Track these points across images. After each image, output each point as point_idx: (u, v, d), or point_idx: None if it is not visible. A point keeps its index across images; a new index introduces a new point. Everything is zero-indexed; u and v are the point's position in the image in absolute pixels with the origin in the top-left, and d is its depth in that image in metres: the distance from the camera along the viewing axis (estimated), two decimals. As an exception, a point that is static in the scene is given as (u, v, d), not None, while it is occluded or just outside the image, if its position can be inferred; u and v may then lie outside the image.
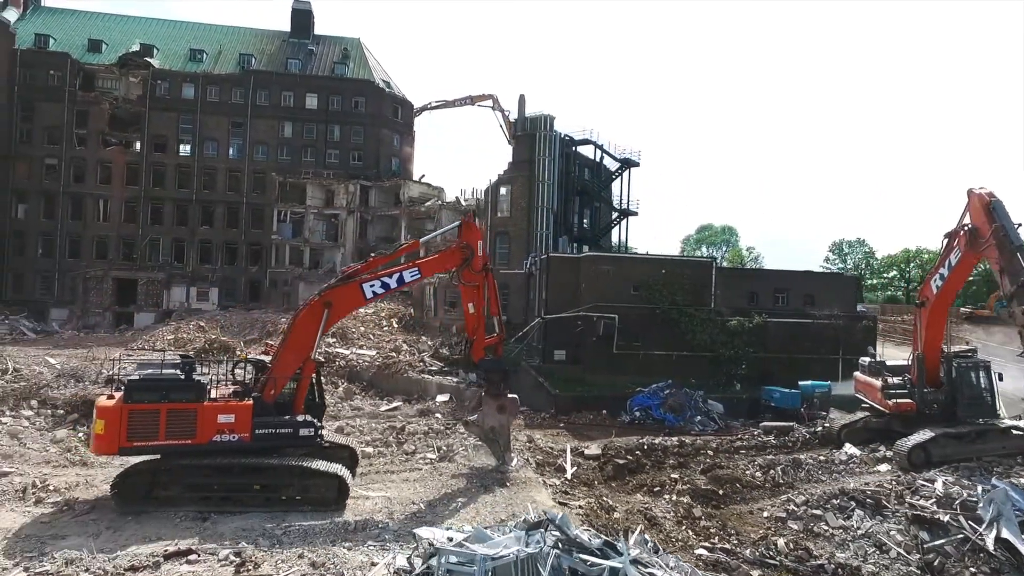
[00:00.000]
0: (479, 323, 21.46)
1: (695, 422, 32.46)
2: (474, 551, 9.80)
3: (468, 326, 21.70)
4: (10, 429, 21.25)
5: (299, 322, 18.61)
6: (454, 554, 9.89)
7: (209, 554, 13.65)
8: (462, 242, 21.28)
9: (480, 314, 21.42)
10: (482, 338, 21.50)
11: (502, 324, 22.16)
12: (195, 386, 16.64)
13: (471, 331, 21.59)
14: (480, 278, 21.29)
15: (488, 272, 21.57)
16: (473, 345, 21.45)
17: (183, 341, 47.72)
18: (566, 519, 11.72)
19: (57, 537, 14.50)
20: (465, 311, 21.64)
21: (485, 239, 50.35)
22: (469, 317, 21.51)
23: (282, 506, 16.87)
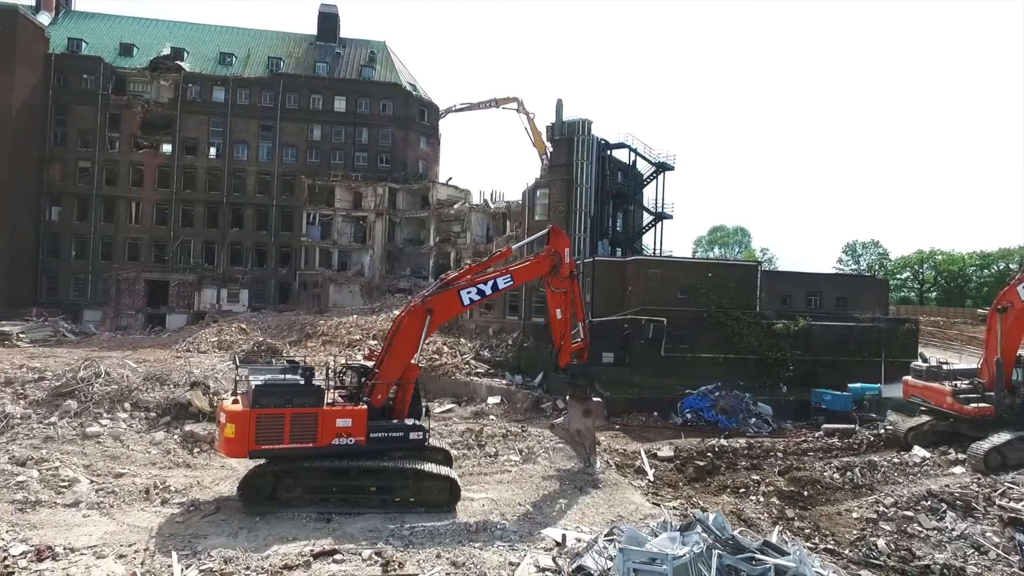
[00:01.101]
0: (566, 329, 22.03)
1: (750, 424, 33.03)
2: (665, 551, 10.36)
3: (555, 332, 22.25)
4: (111, 432, 21.82)
5: (403, 329, 19.16)
6: (641, 554, 10.43)
7: (352, 554, 14.24)
8: (551, 249, 21.85)
9: (567, 320, 22.00)
10: (569, 343, 22.08)
11: (587, 329, 22.71)
12: (315, 391, 17.22)
13: (558, 336, 22.16)
14: (568, 284, 21.88)
15: (575, 278, 22.16)
16: (561, 350, 22.01)
17: (226, 343, 48.45)
18: (721, 519, 12.29)
19: (199, 536, 15.07)
20: (552, 317, 22.20)
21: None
22: (557, 323, 22.06)
23: (397, 508, 17.43)
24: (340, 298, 66.97)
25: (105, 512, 16.40)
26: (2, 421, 21.66)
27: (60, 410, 22.66)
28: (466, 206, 66.06)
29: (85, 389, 23.70)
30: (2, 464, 18.10)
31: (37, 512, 16.02)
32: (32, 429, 21.34)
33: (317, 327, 52.08)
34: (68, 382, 24.10)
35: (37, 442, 20.48)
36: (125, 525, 15.70)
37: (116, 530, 15.33)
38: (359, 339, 48.16)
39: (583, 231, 49.52)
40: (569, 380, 22.58)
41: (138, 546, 14.35)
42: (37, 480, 17.41)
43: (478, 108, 78.01)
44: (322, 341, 49.25)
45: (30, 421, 21.87)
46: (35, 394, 24.03)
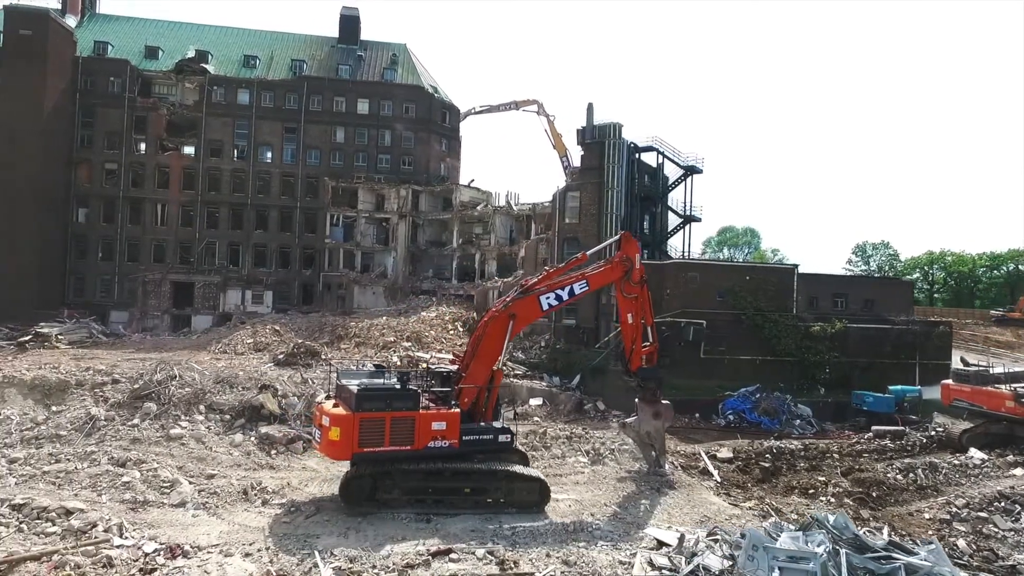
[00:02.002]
0: (637, 333, 22.56)
1: (794, 425, 33.56)
2: (814, 550, 10.85)
3: (626, 336, 22.78)
4: (193, 434, 22.31)
5: (488, 334, 19.65)
6: (785, 553, 10.92)
7: (466, 553, 14.75)
8: (623, 255, 22.37)
9: (638, 324, 22.51)
10: (639, 347, 22.59)
11: (656, 333, 23.21)
12: (412, 395, 17.72)
13: (629, 341, 22.69)
14: (638, 290, 22.38)
15: (645, 284, 22.66)
16: (632, 354, 22.51)
17: (262, 345, 48.83)
18: (842, 520, 12.79)
19: (311, 536, 15.58)
20: (623, 322, 22.74)
21: (552, 244, 51.87)
22: (627, 327, 22.59)
23: (489, 508, 17.94)
24: (364, 299, 67.45)
25: (212, 512, 16.90)
26: (88, 423, 22.17)
27: (141, 412, 23.16)
28: (490, 208, 66.51)
29: (162, 392, 24.18)
30: (104, 465, 18.58)
31: (148, 512, 16.52)
32: (118, 431, 21.85)
33: (348, 328, 52.49)
34: (146, 385, 24.57)
35: (126, 443, 20.99)
36: (236, 525, 16.20)
37: (229, 530, 15.83)
38: (393, 341, 48.64)
39: (614, 234, 49.90)
40: (639, 383, 23.09)
41: (258, 545, 14.85)
42: (140, 480, 17.89)
43: (498, 110, 78.68)
44: (355, 343, 49.67)
45: (114, 423, 22.37)
46: (115, 396, 24.50)
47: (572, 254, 51.32)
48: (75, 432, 21.80)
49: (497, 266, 64.10)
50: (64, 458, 19.18)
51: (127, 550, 13.77)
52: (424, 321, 53.95)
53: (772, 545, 11.13)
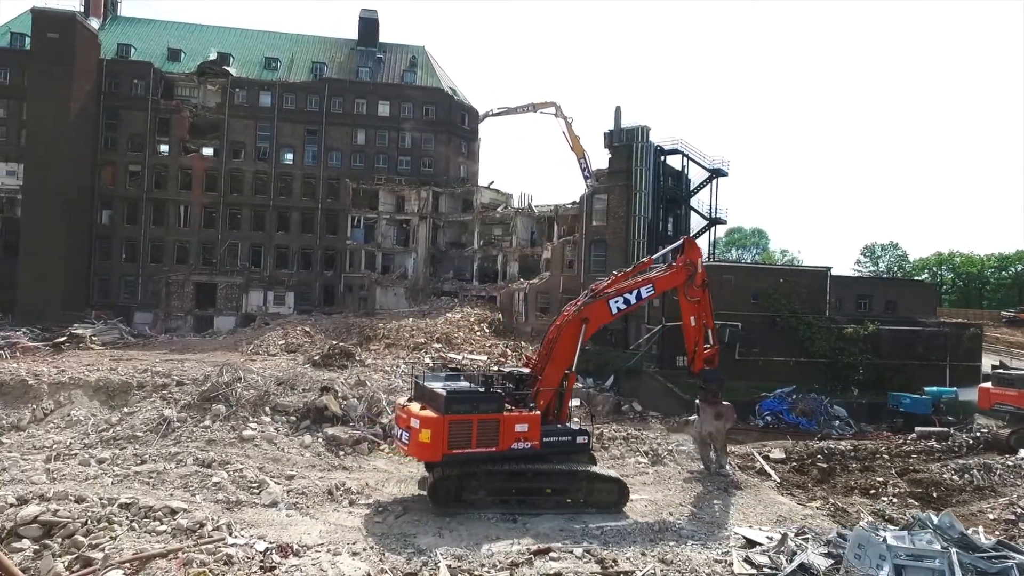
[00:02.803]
0: (699, 336, 23.03)
1: (833, 426, 34.02)
2: (944, 548, 11.29)
3: (688, 339, 23.25)
4: (264, 435, 22.71)
5: (562, 337, 20.08)
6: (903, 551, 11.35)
7: (565, 552, 15.17)
8: (686, 259, 22.85)
9: (700, 327, 22.99)
10: (702, 350, 23.06)
11: (716, 335, 23.66)
12: (497, 398, 18.16)
13: (691, 343, 23.16)
14: (701, 293, 22.84)
15: (707, 287, 23.14)
16: (695, 356, 22.98)
17: (293, 346, 49.21)
18: (949, 518, 13.21)
19: (408, 535, 16.01)
20: (686, 324, 23.20)
21: (579, 247, 52.34)
22: (690, 330, 23.06)
23: (570, 508, 18.37)
24: (386, 300, 67.90)
25: (304, 512, 17.31)
26: (163, 424, 22.56)
27: (211, 414, 23.54)
28: (511, 210, 66.94)
29: (230, 394, 24.56)
30: (191, 466, 18.99)
31: (243, 511, 16.91)
32: (192, 432, 22.24)
33: (376, 330, 52.87)
34: (213, 387, 24.96)
35: (202, 444, 21.39)
36: (331, 524, 16.61)
37: (327, 529, 16.24)
38: (423, 342, 49.00)
39: (641, 236, 50.44)
40: (701, 384, 23.55)
41: (360, 544, 15.28)
42: (228, 481, 18.28)
43: (516, 113, 79.07)
44: (384, 344, 50.00)
45: (187, 424, 22.77)
46: (183, 398, 24.88)
47: (599, 256, 52.17)
48: (150, 433, 22.18)
49: (519, 267, 64.49)
50: (150, 459, 19.58)
51: (241, 548, 14.16)
52: (451, 322, 54.35)
53: (894, 544, 11.54)
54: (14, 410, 24.22)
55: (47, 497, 15.76)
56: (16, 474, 18.18)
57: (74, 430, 22.82)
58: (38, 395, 25.01)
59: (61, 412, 24.41)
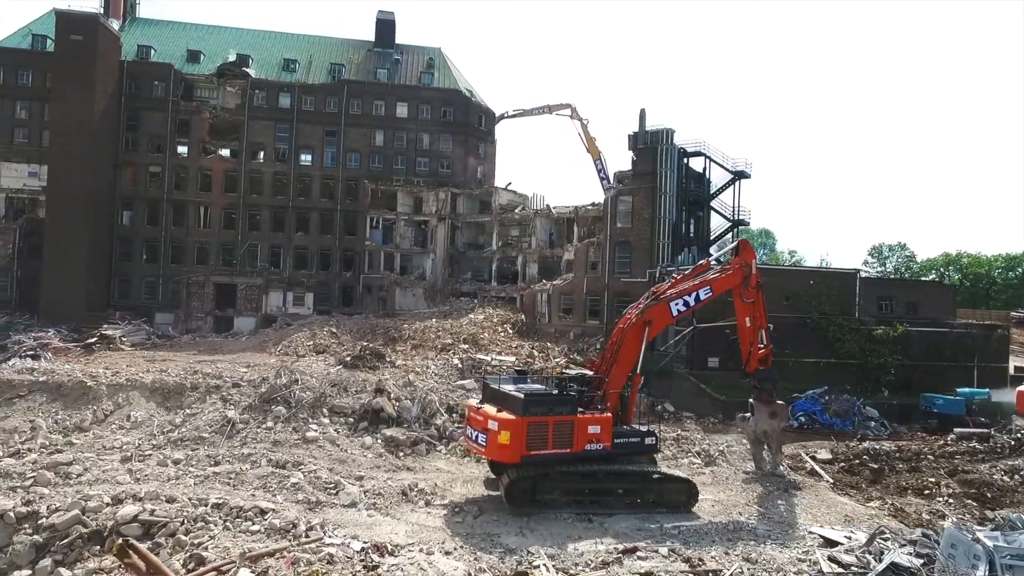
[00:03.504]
0: (753, 336, 23.42)
1: (869, 427, 34.36)
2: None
3: (743, 339, 23.65)
4: (326, 436, 23.02)
5: (627, 340, 20.44)
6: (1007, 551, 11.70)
7: (651, 551, 15.50)
8: (741, 261, 23.24)
9: (755, 328, 23.37)
10: (756, 350, 23.44)
11: (769, 336, 24.03)
12: (571, 400, 18.51)
13: (746, 344, 23.55)
14: (756, 294, 23.24)
15: (761, 288, 23.53)
16: (750, 357, 23.37)
17: (321, 347, 49.45)
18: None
19: (492, 535, 16.37)
20: (741, 325, 23.60)
21: (603, 248, 52.67)
22: (745, 331, 23.47)
23: (641, 508, 18.70)
24: (405, 301, 68.17)
25: (384, 512, 17.64)
26: (227, 426, 22.86)
27: (272, 415, 23.85)
28: (530, 211, 67.27)
29: (288, 395, 24.86)
30: (266, 467, 19.30)
31: (325, 512, 17.23)
32: (257, 434, 22.54)
33: (401, 331, 53.16)
34: (271, 389, 25.26)
35: (268, 446, 21.71)
36: (413, 524, 16.94)
37: (411, 529, 16.57)
38: (450, 343, 49.24)
39: (665, 238, 50.80)
40: (755, 384, 23.95)
41: (449, 544, 15.62)
42: (305, 482, 18.59)
43: (531, 114, 79.39)
44: (410, 345, 50.23)
45: (250, 426, 23.07)
46: (243, 400, 25.18)
47: (624, 258, 52.49)
48: (216, 434, 22.50)
49: (539, 268, 64.79)
50: (223, 460, 19.89)
51: (338, 548, 14.47)
52: (475, 323, 54.63)
53: (1001, 545, 11.88)
54: (76, 411, 24.52)
55: (139, 497, 16.07)
56: (98, 474, 18.49)
57: (140, 431, 23.12)
58: (97, 396, 25.30)
59: (121, 413, 24.71)
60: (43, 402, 24.81)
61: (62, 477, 18.15)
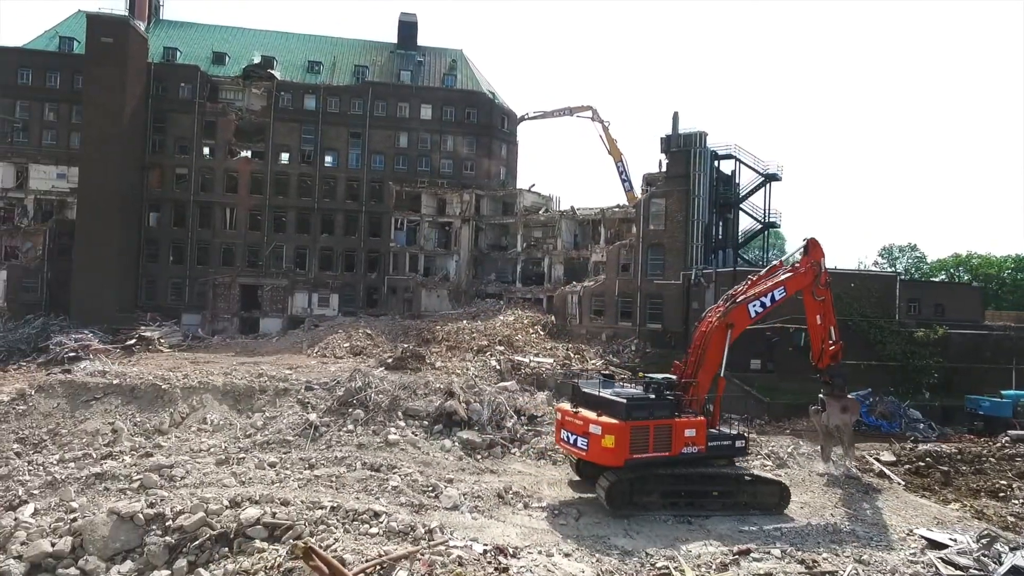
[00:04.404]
0: (824, 333, 23.85)
1: (917, 429, 34.70)
2: None
3: (814, 336, 24.08)
4: (407, 439, 23.25)
5: (712, 343, 20.76)
6: None
7: (764, 552, 15.79)
8: (811, 260, 23.62)
9: (826, 325, 23.79)
10: (827, 347, 23.86)
11: (839, 332, 24.43)
12: (670, 404, 18.80)
13: (817, 341, 23.98)
14: (826, 292, 23.66)
15: (829, 287, 23.96)
16: (823, 353, 23.78)
17: (357, 348, 49.76)
18: None
19: (599, 537, 16.68)
20: (812, 323, 24.04)
21: (636, 251, 52.95)
22: (816, 328, 23.91)
23: (735, 510, 19.00)
24: (429, 302, 68.49)
25: (487, 514, 17.90)
26: (309, 429, 23.11)
27: (351, 419, 24.09)
28: (556, 213, 67.60)
29: (365, 399, 25.09)
30: (361, 470, 19.53)
31: (430, 514, 17.47)
32: (340, 437, 22.79)
33: (434, 332, 53.43)
34: (348, 392, 25.48)
35: (353, 448, 21.95)
36: (520, 527, 17.21)
37: (521, 532, 16.84)
38: (486, 345, 49.48)
39: (697, 240, 51.11)
40: (827, 380, 24.33)
41: (564, 547, 15.88)
42: (404, 484, 18.84)
43: (552, 116, 79.72)
44: (445, 346, 50.44)
45: (331, 429, 23.32)
46: (319, 403, 25.41)
47: (656, 260, 52.79)
48: (299, 437, 22.74)
49: (564, 270, 65.11)
50: (318, 463, 20.13)
51: (462, 550, 14.74)
52: (507, 325, 54.89)
53: None
54: (152, 413, 24.73)
55: (255, 500, 16.30)
56: (199, 477, 18.71)
57: (223, 434, 23.36)
58: (172, 399, 25.51)
59: (196, 416, 24.93)
60: (118, 404, 25.00)
61: (166, 479, 18.38)
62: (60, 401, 24.78)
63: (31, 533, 14.94)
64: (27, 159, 62.96)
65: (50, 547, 14.35)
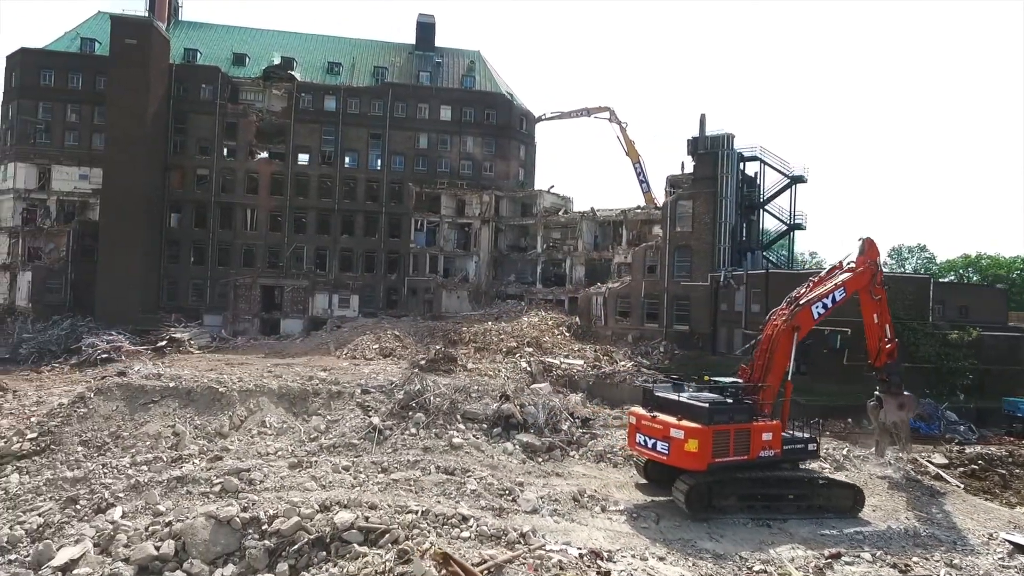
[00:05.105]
0: (881, 332, 24.05)
1: (958, 432, 34.82)
2: None
3: (871, 335, 24.32)
4: (470, 443, 23.33)
5: (780, 347, 20.88)
6: None
7: (855, 556, 15.90)
8: (867, 260, 23.81)
9: (882, 323, 23.99)
10: (884, 345, 24.05)
11: (894, 330, 24.62)
12: (748, 408, 18.91)
13: (874, 339, 24.20)
14: (882, 291, 23.87)
15: (884, 285, 24.18)
16: (879, 352, 23.97)
17: (387, 350, 49.73)
18: None
19: (686, 540, 16.77)
20: (869, 322, 24.28)
21: (662, 252, 53.04)
22: (873, 327, 24.14)
23: (810, 513, 19.11)
24: (450, 303, 68.57)
25: (568, 518, 17.99)
26: (373, 432, 23.17)
27: (412, 422, 24.16)
28: (576, 214, 67.71)
29: (424, 402, 25.17)
30: (436, 474, 19.60)
31: (512, 518, 17.54)
32: (404, 440, 22.86)
33: (461, 334, 53.41)
34: (408, 395, 25.55)
35: (419, 452, 22.02)
36: (604, 530, 17.31)
37: (607, 535, 16.95)
38: (515, 346, 49.50)
39: (724, 242, 51.23)
40: (883, 377, 24.55)
41: (654, 550, 15.96)
42: (482, 488, 18.91)
43: (569, 117, 79.94)
44: (473, 348, 50.38)
45: (395, 432, 23.38)
46: (379, 406, 25.46)
47: (683, 262, 52.89)
48: (364, 440, 22.81)
49: (585, 271, 65.16)
50: (391, 467, 20.18)
51: (558, 554, 14.82)
52: (532, 326, 54.93)
53: None
54: (211, 416, 24.78)
55: (344, 504, 16.37)
56: (277, 481, 18.77)
57: (287, 437, 23.42)
58: (230, 402, 25.55)
59: (254, 419, 24.97)
60: (176, 407, 25.04)
61: (246, 483, 18.44)
62: (119, 404, 24.80)
63: (131, 536, 14.99)
64: (49, 160, 62.91)
65: (154, 550, 14.41)
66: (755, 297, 44.98)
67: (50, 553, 14.24)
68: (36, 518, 16.46)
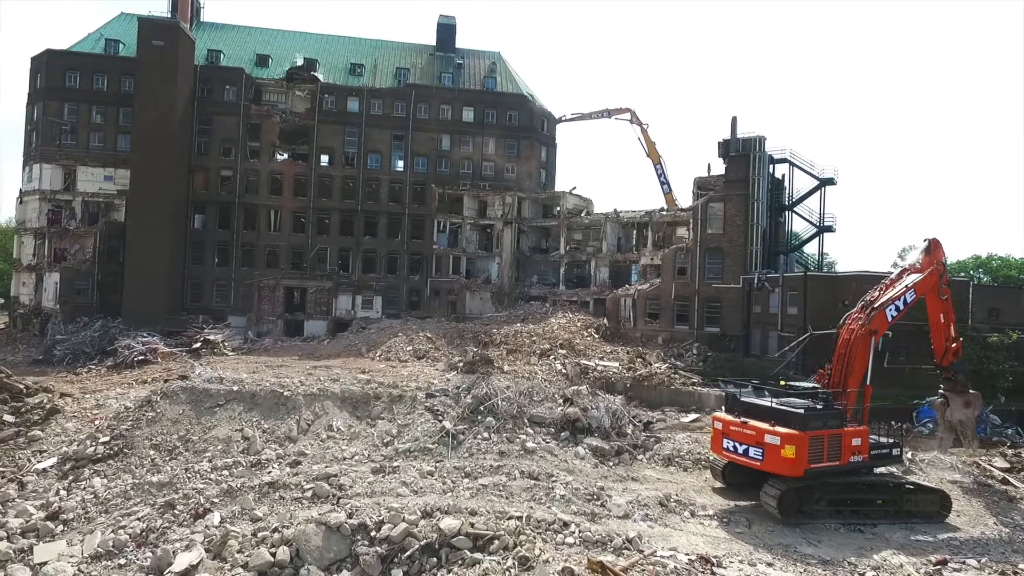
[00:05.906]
0: (947, 331, 24.15)
1: (1006, 435, 34.83)
2: None
3: (938, 334, 24.39)
4: (543, 447, 23.32)
5: (858, 351, 20.91)
6: None
7: (961, 562, 15.89)
8: (933, 260, 23.90)
9: (948, 323, 24.09)
10: (951, 344, 24.14)
11: (957, 330, 24.70)
12: (840, 414, 18.93)
13: (941, 338, 24.28)
14: (948, 291, 23.97)
15: (949, 285, 24.28)
16: (946, 351, 24.06)
17: (420, 352, 49.64)
18: None
19: (785, 545, 16.86)
20: (935, 321, 24.43)
21: (693, 255, 53.02)
22: (940, 326, 24.29)
23: (897, 518, 19.13)
24: (473, 305, 68.52)
25: (661, 523, 18.01)
26: (447, 437, 23.15)
27: (483, 426, 24.14)
28: (600, 215, 67.73)
29: (493, 406, 25.14)
30: (521, 479, 19.57)
31: (606, 523, 17.56)
32: (478, 444, 22.84)
33: (492, 335, 53.34)
34: (476, 399, 25.52)
35: (495, 456, 22.00)
36: (700, 536, 17.34)
37: (704, 541, 16.99)
38: (548, 348, 49.45)
39: (757, 244, 51.24)
40: (950, 375, 24.62)
41: (756, 556, 15.96)
42: (570, 493, 18.90)
43: (589, 118, 79.88)
44: (505, 350, 50.27)
45: (466, 437, 23.36)
46: (448, 411, 25.41)
47: (715, 264, 52.89)
48: (439, 445, 22.77)
49: (609, 273, 65.12)
50: (475, 472, 20.16)
51: (670, 560, 14.82)
52: (562, 328, 54.89)
53: None
54: (278, 420, 24.72)
55: (445, 510, 16.35)
56: (365, 487, 18.74)
57: (360, 441, 23.36)
58: (295, 406, 25.49)
59: (320, 423, 24.92)
60: (241, 411, 24.97)
61: (336, 488, 18.41)
62: (184, 408, 24.75)
63: (241, 542, 14.96)
64: (75, 161, 62.79)
65: (271, 556, 14.39)
66: (791, 300, 44.99)
67: (169, 559, 14.24)
68: (137, 523, 16.40)
